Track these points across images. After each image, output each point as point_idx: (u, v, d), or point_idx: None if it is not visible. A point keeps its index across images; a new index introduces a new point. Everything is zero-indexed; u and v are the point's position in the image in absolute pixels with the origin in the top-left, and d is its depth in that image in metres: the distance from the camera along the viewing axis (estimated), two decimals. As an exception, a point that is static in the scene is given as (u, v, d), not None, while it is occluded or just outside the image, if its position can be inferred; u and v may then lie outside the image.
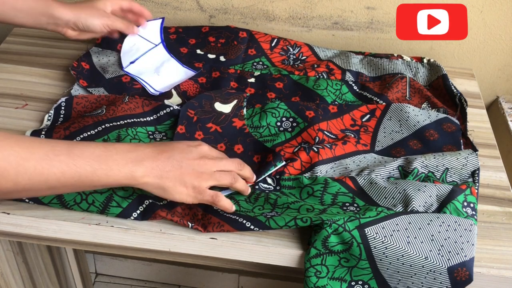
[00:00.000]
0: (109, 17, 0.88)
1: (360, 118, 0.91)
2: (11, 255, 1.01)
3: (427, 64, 1.03)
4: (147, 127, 0.86)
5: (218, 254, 0.74)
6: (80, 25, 0.87)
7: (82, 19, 0.86)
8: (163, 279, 1.66)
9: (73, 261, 1.34)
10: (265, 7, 1.11)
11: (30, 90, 0.95)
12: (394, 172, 0.80)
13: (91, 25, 0.87)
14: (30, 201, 0.73)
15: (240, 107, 0.90)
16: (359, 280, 0.69)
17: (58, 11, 0.85)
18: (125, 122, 0.84)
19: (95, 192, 0.73)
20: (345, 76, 0.99)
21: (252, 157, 0.81)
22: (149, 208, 0.73)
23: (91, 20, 0.87)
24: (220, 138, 0.84)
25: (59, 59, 1.03)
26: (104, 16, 0.88)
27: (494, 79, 1.15)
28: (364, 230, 0.68)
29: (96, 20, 0.87)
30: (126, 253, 0.79)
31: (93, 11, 0.87)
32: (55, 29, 0.88)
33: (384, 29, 1.11)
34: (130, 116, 0.86)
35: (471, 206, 0.74)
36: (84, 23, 0.86)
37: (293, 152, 0.82)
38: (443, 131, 0.88)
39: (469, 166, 0.80)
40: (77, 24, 0.87)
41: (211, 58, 1.03)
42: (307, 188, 0.77)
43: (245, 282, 1.62)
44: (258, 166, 0.80)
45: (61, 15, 0.85)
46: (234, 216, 0.72)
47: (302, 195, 0.77)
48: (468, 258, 0.67)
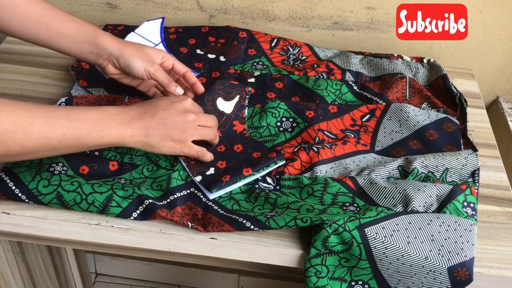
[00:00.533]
0: (154, 65, 0.83)
1: (360, 118, 0.91)
2: (11, 255, 1.01)
3: (427, 64, 1.03)
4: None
5: (218, 254, 0.74)
6: (121, 62, 0.82)
7: (126, 56, 0.81)
8: (163, 279, 1.66)
9: (73, 261, 1.34)
10: (265, 7, 1.11)
11: (30, 90, 0.95)
12: (394, 172, 0.80)
13: (132, 66, 0.82)
14: (30, 201, 0.73)
15: (242, 106, 0.89)
16: (359, 280, 0.69)
17: (104, 41, 0.81)
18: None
19: (95, 193, 0.73)
20: (345, 76, 0.99)
21: (252, 154, 0.81)
22: (149, 208, 0.73)
23: (134, 60, 0.82)
24: (220, 141, 0.84)
25: (59, 59, 1.03)
26: (149, 61, 0.82)
27: (494, 79, 1.15)
28: (364, 230, 0.68)
29: (139, 62, 0.82)
30: (126, 253, 0.79)
31: (140, 53, 0.83)
32: (97, 60, 0.83)
33: (384, 29, 1.11)
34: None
35: (471, 206, 0.74)
36: (127, 61, 0.82)
37: (293, 152, 0.82)
38: (443, 131, 0.88)
39: (469, 166, 0.80)
40: (119, 60, 0.82)
41: (211, 58, 1.03)
42: (307, 188, 0.77)
43: (245, 282, 1.62)
44: (257, 161, 0.80)
45: (106, 46, 0.81)
46: (234, 216, 0.72)
47: (302, 195, 0.77)
48: (468, 258, 0.67)
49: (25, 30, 0.78)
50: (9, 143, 0.60)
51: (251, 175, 0.77)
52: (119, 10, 1.16)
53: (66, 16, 0.80)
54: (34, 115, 0.62)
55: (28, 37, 0.80)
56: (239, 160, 0.80)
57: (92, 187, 0.74)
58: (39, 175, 0.74)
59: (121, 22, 1.17)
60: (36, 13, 0.78)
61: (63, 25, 0.80)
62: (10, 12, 0.76)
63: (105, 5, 1.16)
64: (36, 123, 0.62)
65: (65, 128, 0.64)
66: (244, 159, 0.80)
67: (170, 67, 0.87)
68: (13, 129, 0.60)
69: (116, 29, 1.08)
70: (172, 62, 0.86)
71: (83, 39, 0.81)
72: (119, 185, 0.75)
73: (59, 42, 0.81)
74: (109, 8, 1.16)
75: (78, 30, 0.81)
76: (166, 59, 0.86)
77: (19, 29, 0.78)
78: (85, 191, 0.73)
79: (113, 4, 1.15)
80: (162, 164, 0.80)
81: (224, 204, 0.75)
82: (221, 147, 0.83)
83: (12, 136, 0.60)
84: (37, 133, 0.62)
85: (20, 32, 0.79)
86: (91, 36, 0.81)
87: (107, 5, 1.16)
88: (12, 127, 0.60)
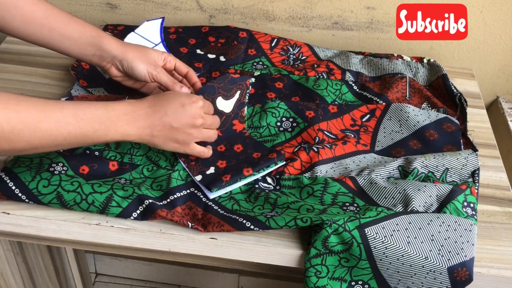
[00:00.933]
0: (157, 67, 0.83)
1: (360, 118, 0.91)
2: (11, 255, 1.01)
3: (427, 64, 1.03)
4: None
5: (218, 254, 0.74)
6: (125, 65, 0.82)
7: (129, 59, 0.81)
8: (163, 279, 1.66)
9: (73, 261, 1.34)
10: (265, 7, 1.11)
11: (30, 90, 0.95)
12: (394, 172, 0.80)
13: (135, 68, 0.82)
14: (30, 201, 0.73)
15: (242, 104, 0.89)
16: (359, 280, 0.69)
17: (107, 43, 0.81)
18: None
19: (95, 193, 0.73)
20: (345, 76, 0.99)
21: (252, 154, 0.81)
22: (149, 208, 0.73)
23: (137, 63, 0.82)
24: (220, 141, 0.84)
25: (59, 59, 1.03)
26: (151, 64, 0.82)
27: (494, 79, 1.15)
28: (364, 230, 0.68)
29: (142, 65, 0.82)
30: (126, 253, 0.79)
31: (143, 56, 0.82)
32: (100, 62, 0.83)
33: (384, 29, 1.11)
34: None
35: (471, 206, 0.74)
36: (130, 64, 0.82)
37: (293, 152, 0.82)
38: (443, 131, 0.88)
39: (469, 166, 0.80)
40: (122, 63, 0.82)
41: (211, 58, 1.03)
42: (307, 188, 0.77)
43: (245, 282, 1.62)
44: (257, 161, 0.80)
45: (109, 49, 0.81)
46: (234, 216, 0.72)
47: (302, 195, 0.77)
48: (468, 258, 0.67)
49: (28, 31, 0.78)
50: (16, 140, 0.61)
51: (251, 175, 0.77)
52: (119, 10, 1.16)
53: (69, 17, 0.80)
54: (44, 113, 0.63)
55: (31, 39, 0.80)
56: (239, 160, 0.80)
57: (92, 187, 0.74)
58: (39, 175, 0.74)
59: (121, 22, 1.17)
60: (40, 15, 0.78)
61: (66, 27, 0.79)
62: (13, 13, 0.76)
63: (105, 5, 1.16)
64: (44, 121, 0.63)
65: (71, 127, 0.65)
66: (244, 159, 0.80)
67: (172, 68, 0.87)
68: (20, 127, 0.61)
69: (116, 29, 1.08)
70: (174, 63, 0.86)
71: (86, 41, 0.81)
72: (119, 185, 0.75)
73: (62, 44, 0.81)
74: (109, 8, 1.16)
75: (81, 32, 0.80)
76: (168, 61, 0.85)
77: (22, 30, 0.78)
78: (85, 191, 0.73)
79: (113, 4, 1.15)
80: (162, 164, 0.80)
81: (224, 204, 0.75)
82: (221, 146, 0.83)
83: (19, 134, 0.61)
84: (43, 132, 0.63)
85: (23, 33, 0.79)
86: (94, 38, 0.81)
87: (107, 5, 1.16)
88: (19, 125, 0.61)
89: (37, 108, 0.63)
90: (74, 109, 0.66)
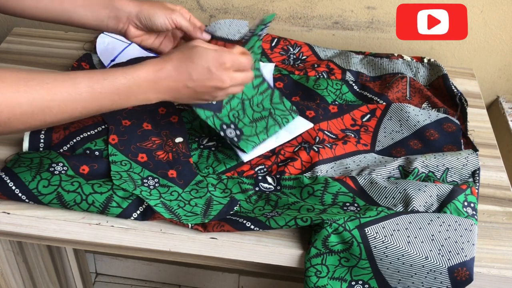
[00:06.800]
0: (175, 12, 0.80)
1: (361, 118, 0.91)
2: (11, 255, 1.00)
3: (427, 64, 1.03)
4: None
5: (218, 254, 0.74)
6: (142, 18, 0.79)
7: (145, 10, 0.79)
8: (163, 279, 1.66)
9: (73, 261, 1.34)
10: (265, 7, 1.11)
11: (30, 90, 0.95)
12: (394, 172, 0.80)
13: (154, 17, 0.79)
14: (30, 201, 0.73)
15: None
16: (359, 279, 0.69)
17: (120, 2, 0.79)
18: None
19: (95, 193, 0.73)
20: (345, 76, 0.99)
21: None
22: (149, 208, 0.73)
23: (155, 12, 0.79)
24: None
25: (59, 59, 1.03)
26: (168, 10, 0.80)
27: (494, 79, 1.15)
28: (364, 229, 0.68)
29: (160, 12, 0.79)
30: (126, 253, 0.79)
31: (158, 5, 0.80)
32: (117, 25, 0.80)
33: (384, 29, 1.11)
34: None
35: (471, 206, 0.74)
36: (147, 14, 0.79)
37: (293, 152, 0.82)
38: (444, 131, 0.88)
39: (470, 166, 0.80)
40: (139, 16, 0.79)
41: (211, 58, 1.02)
42: (307, 187, 0.77)
43: (245, 282, 1.62)
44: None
45: (123, 6, 0.79)
46: (234, 217, 0.72)
47: (303, 195, 0.77)
48: (468, 258, 0.67)
49: (40, 7, 0.78)
50: (30, 120, 0.61)
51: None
52: (119, 10, 1.16)
53: None
54: (54, 91, 0.61)
55: (42, 15, 0.79)
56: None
57: (92, 187, 0.74)
58: (39, 175, 0.74)
59: (121, 22, 1.17)
60: None
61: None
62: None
63: (105, 5, 1.15)
64: (56, 99, 0.61)
65: (87, 103, 0.64)
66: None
67: (188, 18, 0.83)
68: (31, 110, 0.60)
69: (116, 29, 1.08)
70: (189, 14, 0.83)
71: (99, 5, 0.80)
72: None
73: (75, 13, 0.79)
74: (109, 8, 1.16)
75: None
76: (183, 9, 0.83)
77: (33, 7, 0.78)
78: (85, 191, 0.73)
79: (113, 4, 1.15)
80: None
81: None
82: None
83: (33, 115, 0.60)
84: (57, 109, 0.62)
85: (35, 11, 0.78)
86: (106, 0, 0.80)
87: (107, 5, 1.16)
88: (30, 108, 0.60)
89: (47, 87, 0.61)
90: (89, 82, 0.64)
